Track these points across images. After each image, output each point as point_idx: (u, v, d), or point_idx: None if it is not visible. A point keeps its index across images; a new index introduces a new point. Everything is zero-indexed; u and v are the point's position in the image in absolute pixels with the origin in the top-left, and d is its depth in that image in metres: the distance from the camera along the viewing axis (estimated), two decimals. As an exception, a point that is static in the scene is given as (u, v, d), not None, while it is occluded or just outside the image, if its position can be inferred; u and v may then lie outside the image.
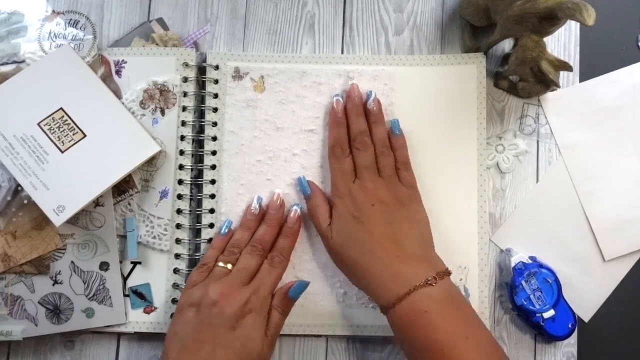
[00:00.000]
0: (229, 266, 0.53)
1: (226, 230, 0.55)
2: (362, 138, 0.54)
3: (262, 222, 0.55)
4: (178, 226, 0.56)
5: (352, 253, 0.51)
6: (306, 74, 0.58)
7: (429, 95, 0.58)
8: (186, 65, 0.58)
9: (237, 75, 0.58)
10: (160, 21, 0.60)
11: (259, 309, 0.51)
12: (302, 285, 0.53)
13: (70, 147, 0.54)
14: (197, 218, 0.57)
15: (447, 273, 0.50)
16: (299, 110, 0.57)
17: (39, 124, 0.54)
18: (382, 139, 0.55)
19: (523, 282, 0.54)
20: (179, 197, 0.57)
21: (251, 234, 0.55)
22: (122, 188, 0.56)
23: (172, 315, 0.55)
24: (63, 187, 0.53)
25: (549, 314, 0.54)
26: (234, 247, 0.54)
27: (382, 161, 0.54)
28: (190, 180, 0.57)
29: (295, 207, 0.56)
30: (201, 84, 0.59)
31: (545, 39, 0.52)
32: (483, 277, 0.56)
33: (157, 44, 0.59)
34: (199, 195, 0.57)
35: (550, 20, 0.49)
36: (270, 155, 0.57)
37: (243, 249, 0.54)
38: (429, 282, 0.48)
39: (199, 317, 0.49)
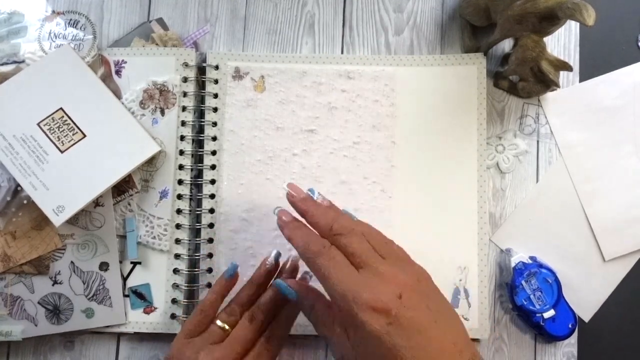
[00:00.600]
0: (227, 327, 0.48)
1: (231, 275, 0.51)
2: (339, 223, 0.43)
3: (271, 282, 0.50)
4: (178, 226, 0.56)
5: None
6: (306, 74, 0.58)
7: (429, 96, 0.58)
8: (186, 65, 0.58)
9: (238, 75, 0.58)
10: (160, 21, 0.60)
11: None
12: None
13: (70, 147, 0.54)
14: (197, 218, 0.57)
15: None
16: (299, 110, 0.57)
17: (38, 124, 0.54)
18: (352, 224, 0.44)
19: (523, 282, 0.54)
20: (179, 197, 0.56)
21: (259, 291, 0.50)
22: (122, 188, 0.56)
23: (172, 315, 0.55)
24: (63, 187, 0.53)
25: (549, 314, 0.54)
26: (238, 305, 0.49)
27: (372, 240, 0.43)
28: (190, 180, 0.57)
29: (305, 275, 0.52)
30: (201, 84, 0.59)
31: (545, 39, 0.52)
32: (483, 277, 0.56)
33: (157, 44, 0.59)
34: (198, 195, 0.57)
35: (550, 20, 0.49)
36: (270, 155, 0.57)
37: (245, 311, 0.49)
38: None
39: None
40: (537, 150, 0.59)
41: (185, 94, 0.57)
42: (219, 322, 0.48)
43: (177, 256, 0.56)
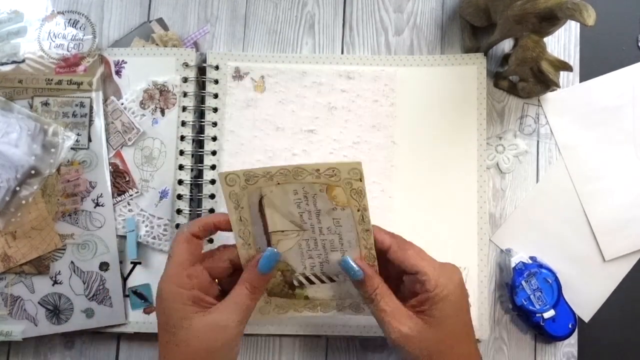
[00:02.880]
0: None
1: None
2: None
3: None
4: (178, 226, 0.56)
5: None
6: (306, 74, 0.58)
7: (430, 96, 0.58)
8: (186, 65, 0.58)
9: (238, 75, 0.58)
10: (160, 21, 0.60)
11: None
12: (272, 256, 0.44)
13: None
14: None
15: None
16: (299, 110, 0.57)
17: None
18: None
19: (523, 282, 0.54)
20: (179, 197, 0.56)
21: None
22: (122, 188, 0.56)
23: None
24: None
25: (549, 314, 0.54)
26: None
27: None
28: (190, 181, 0.57)
29: None
30: (201, 84, 0.59)
31: (545, 39, 0.52)
32: (483, 277, 0.56)
33: (157, 44, 0.59)
34: (198, 196, 0.57)
35: (550, 21, 0.49)
36: (270, 155, 0.57)
37: None
38: None
39: None
40: (537, 150, 0.59)
41: (185, 94, 0.57)
42: None
43: (177, 256, 0.56)
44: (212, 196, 0.57)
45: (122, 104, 0.57)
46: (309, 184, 0.42)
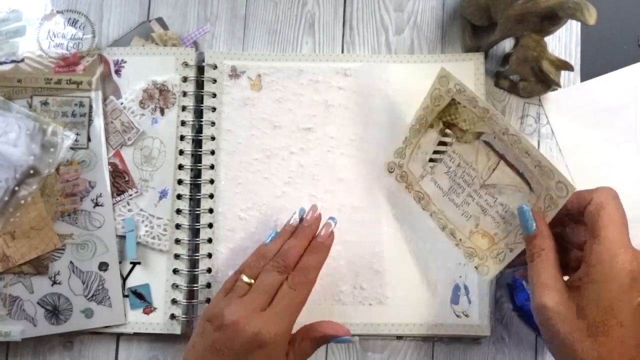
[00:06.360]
0: (252, 281, 0.48)
1: (268, 240, 0.50)
2: None
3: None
4: (177, 226, 0.56)
5: None
6: (303, 72, 0.58)
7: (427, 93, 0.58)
8: (186, 64, 0.58)
9: (234, 74, 0.58)
10: (160, 21, 0.60)
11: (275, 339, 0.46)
12: (346, 341, 0.49)
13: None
14: (197, 218, 0.57)
15: None
16: (296, 108, 0.57)
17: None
18: None
19: (523, 283, 0.54)
20: (179, 197, 0.56)
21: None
22: (121, 188, 0.56)
23: (171, 316, 0.55)
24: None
25: (550, 314, 0.53)
26: (262, 259, 0.49)
27: None
28: (190, 180, 0.57)
29: (329, 221, 0.50)
30: (200, 84, 0.58)
31: (546, 39, 0.52)
32: (484, 277, 0.56)
33: (156, 44, 0.58)
34: (198, 195, 0.57)
35: (551, 20, 0.49)
36: (267, 154, 0.57)
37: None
38: None
39: (213, 336, 0.45)
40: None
41: (185, 94, 0.57)
42: (244, 278, 0.48)
43: (176, 256, 0.56)
44: (211, 196, 0.57)
45: (122, 103, 0.57)
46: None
